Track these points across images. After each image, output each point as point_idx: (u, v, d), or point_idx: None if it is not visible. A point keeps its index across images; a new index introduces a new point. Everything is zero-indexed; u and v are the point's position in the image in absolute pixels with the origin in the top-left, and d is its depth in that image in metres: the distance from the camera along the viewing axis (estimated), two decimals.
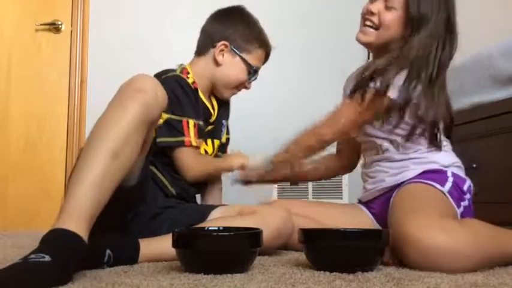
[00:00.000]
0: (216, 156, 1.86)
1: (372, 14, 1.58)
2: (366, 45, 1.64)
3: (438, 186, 1.48)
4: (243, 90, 1.88)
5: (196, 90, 1.72)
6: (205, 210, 1.56)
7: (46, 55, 3.00)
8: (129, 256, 1.28)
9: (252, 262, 1.21)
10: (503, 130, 2.17)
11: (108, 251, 1.23)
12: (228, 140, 1.92)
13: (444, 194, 1.47)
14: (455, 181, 1.52)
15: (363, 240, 1.23)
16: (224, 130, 1.88)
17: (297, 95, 3.08)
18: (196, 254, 1.16)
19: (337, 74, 3.06)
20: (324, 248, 1.22)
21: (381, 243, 1.23)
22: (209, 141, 1.78)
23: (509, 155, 2.14)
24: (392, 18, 1.56)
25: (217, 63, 1.77)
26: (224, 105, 1.90)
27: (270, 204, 1.59)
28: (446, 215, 1.33)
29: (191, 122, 1.64)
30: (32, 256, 0.95)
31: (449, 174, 1.53)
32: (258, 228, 1.23)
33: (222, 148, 1.88)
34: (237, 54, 1.78)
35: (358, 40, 1.63)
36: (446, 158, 1.59)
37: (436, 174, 1.52)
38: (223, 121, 1.88)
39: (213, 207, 1.59)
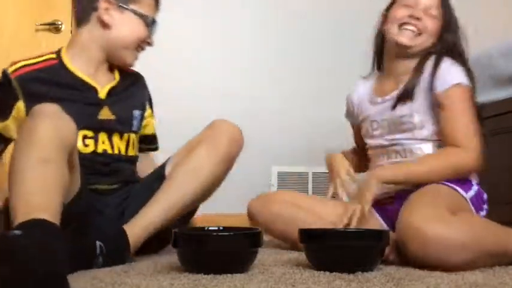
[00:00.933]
0: (150, 150, 1.72)
1: (418, 19, 1.61)
2: (406, 47, 1.63)
3: (461, 191, 1.48)
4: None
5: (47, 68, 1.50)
6: (159, 171, 1.53)
7: None
8: (119, 242, 1.29)
9: (252, 262, 1.21)
10: (503, 130, 2.17)
11: (98, 242, 1.23)
12: (155, 128, 1.74)
13: (466, 199, 1.47)
14: (479, 190, 1.54)
15: (363, 240, 1.24)
16: (136, 122, 1.61)
17: (294, 96, 3.08)
18: (196, 254, 1.16)
19: (335, 75, 3.07)
20: (324, 248, 1.22)
21: (381, 243, 1.24)
22: (116, 136, 1.54)
23: (509, 155, 2.14)
24: (436, 26, 1.62)
25: (106, 26, 1.51)
26: (135, 88, 1.65)
27: (211, 125, 1.51)
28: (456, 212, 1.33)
29: None
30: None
31: (474, 183, 1.55)
32: (257, 228, 1.23)
33: (152, 139, 1.73)
34: (125, 8, 1.53)
35: (399, 42, 1.62)
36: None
37: (461, 181, 1.52)
38: (135, 111, 1.61)
39: (162, 165, 1.55)
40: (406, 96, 1.60)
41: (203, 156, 1.44)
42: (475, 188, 1.54)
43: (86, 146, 1.48)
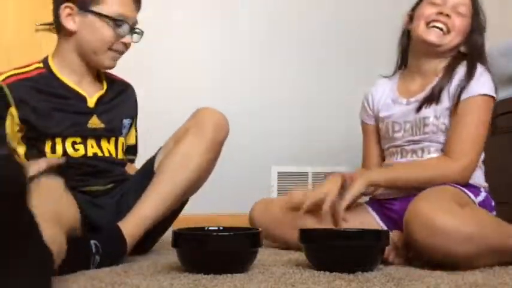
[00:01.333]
0: (129, 161, 1.69)
1: (447, 16, 1.58)
2: (434, 46, 1.59)
3: (471, 195, 1.48)
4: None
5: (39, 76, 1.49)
6: (149, 167, 1.52)
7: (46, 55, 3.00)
8: (115, 240, 1.29)
9: (252, 262, 1.21)
10: (503, 130, 2.17)
11: (92, 241, 1.23)
12: (136, 138, 1.73)
13: (474, 203, 1.47)
14: (487, 197, 1.54)
15: (363, 240, 1.24)
16: (125, 130, 1.63)
17: (295, 96, 3.08)
18: (196, 254, 1.16)
19: (336, 76, 3.07)
20: (324, 248, 1.22)
21: (381, 243, 1.24)
22: (104, 141, 1.54)
23: (509, 155, 2.14)
24: (464, 24, 1.59)
25: (71, 33, 1.48)
26: (123, 97, 1.64)
27: (195, 113, 1.52)
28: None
29: None
30: None
31: (482, 190, 1.55)
32: (257, 228, 1.23)
33: (132, 150, 1.72)
34: (87, 11, 1.46)
35: (427, 40, 1.58)
36: (481, 179, 1.59)
37: (471, 187, 1.52)
38: (125, 120, 1.62)
39: (151, 160, 1.55)
40: (432, 99, 1.57)
41: (190, 145, 1.44)
42: (483, 194, 1.54)
43: (76, 150, 1.48)
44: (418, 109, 1.60)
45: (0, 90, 1.43)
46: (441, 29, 1.58)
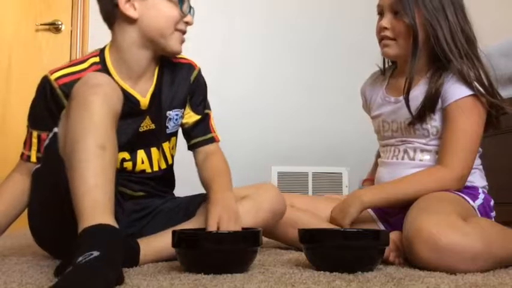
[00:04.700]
0: (200, 144, 1.53)
1: (385, 29, 1.55)
2: (395, 57, 1.61)
3: (469, 200, 1.46)
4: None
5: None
6: (190, 207, 1.48)
7: (46, 55, 3.00)
8: (130, 258, 1.27)
9: (252, 262, 1.21)
10: (503, 130, 2.17)
11: None
12: (206, 115, 1.56)
13: (473, 208, 1.46)
14: (486, 198, 1.53)
15: (363, 240, 1.24)
16: (172, 124, 1.49)
17: (294, 96, 3.08)
18: (196, 254, 1.16)
19: (336, 76, 3.07)
20: (324, 248, 1.22)
21: (380, 243, 1.24)
22: (154, 151, 1.47)
23: (509, 155, 2.14)
24: (403, 25, 1.52)
25: (133, 21, 1.36)
26: (176, 83, 1.49)
27: (259, 185, 1.51)
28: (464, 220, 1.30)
29: (34, 133, 1.38)
30: (80, 258, 0.94)
31: (480, 191, 1.53)
32: (257, 228, 1.23)
33: (195, 130, 1.53)
34: None
35: (386, 56, 1.62)
36: (481, 180, 1.57)
37: (469, 189, 1.51)
38: (170, 112, 1.48)
39: (193, 201, 1.50)
40: (421, 118, 1.53)
41: (243, 211, 1.38)
42: (482, 196, 1.52)
43: (124, 168, 1.42)
44: (410, 124, 1.55)
45: (52, 91, 1.35)
46: (387, 44, 1.56)
